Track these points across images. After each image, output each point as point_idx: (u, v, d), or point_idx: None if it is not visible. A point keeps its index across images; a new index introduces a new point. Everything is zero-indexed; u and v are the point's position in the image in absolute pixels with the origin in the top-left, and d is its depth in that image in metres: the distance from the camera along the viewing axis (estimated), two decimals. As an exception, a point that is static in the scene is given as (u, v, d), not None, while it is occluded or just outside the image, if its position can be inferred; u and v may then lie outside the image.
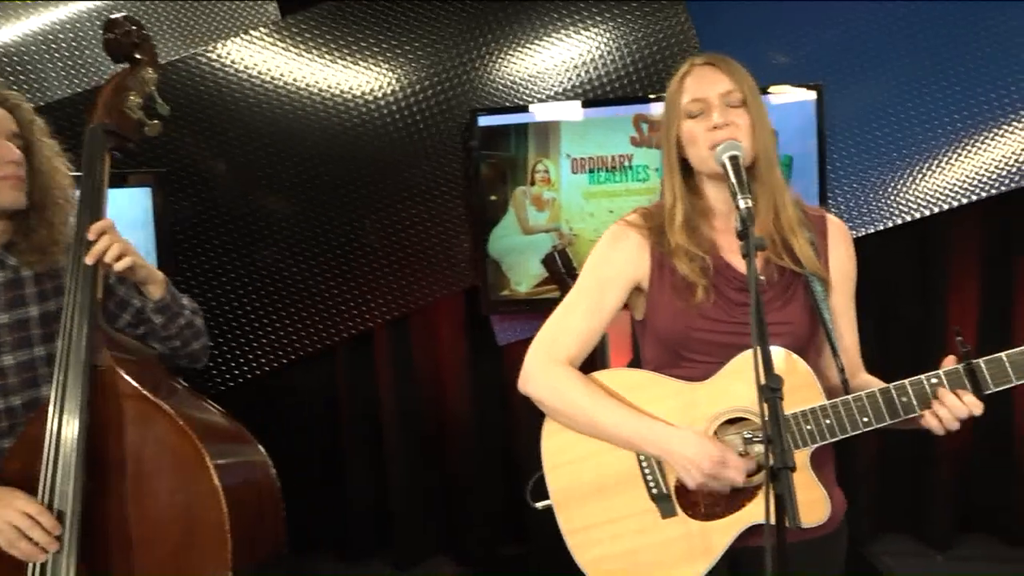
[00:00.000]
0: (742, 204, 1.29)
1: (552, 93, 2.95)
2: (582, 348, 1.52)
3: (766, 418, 1.12)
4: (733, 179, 1.34)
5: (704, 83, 1.45)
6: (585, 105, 2.82)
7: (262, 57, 2.92)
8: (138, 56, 1.66)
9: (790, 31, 2.93)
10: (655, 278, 1.52)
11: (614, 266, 1.52)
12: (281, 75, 2.92)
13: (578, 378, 1.48)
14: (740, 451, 1.40)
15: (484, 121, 2.83)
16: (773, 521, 1.08)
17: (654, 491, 1.45)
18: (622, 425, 1.44)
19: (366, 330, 3.01)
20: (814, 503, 1.37)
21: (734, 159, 1.36)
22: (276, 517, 1.57)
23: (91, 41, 2.90)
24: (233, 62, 2.91)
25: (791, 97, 2.75)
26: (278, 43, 2.93)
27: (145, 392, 1.48)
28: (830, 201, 2.86)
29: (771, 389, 1.13)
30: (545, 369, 1.50)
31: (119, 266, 1.54)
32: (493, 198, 2.86)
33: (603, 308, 1.52)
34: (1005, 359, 1.30)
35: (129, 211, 2.64)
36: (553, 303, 1.59)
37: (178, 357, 1.73)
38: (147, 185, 2.68)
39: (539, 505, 1.55)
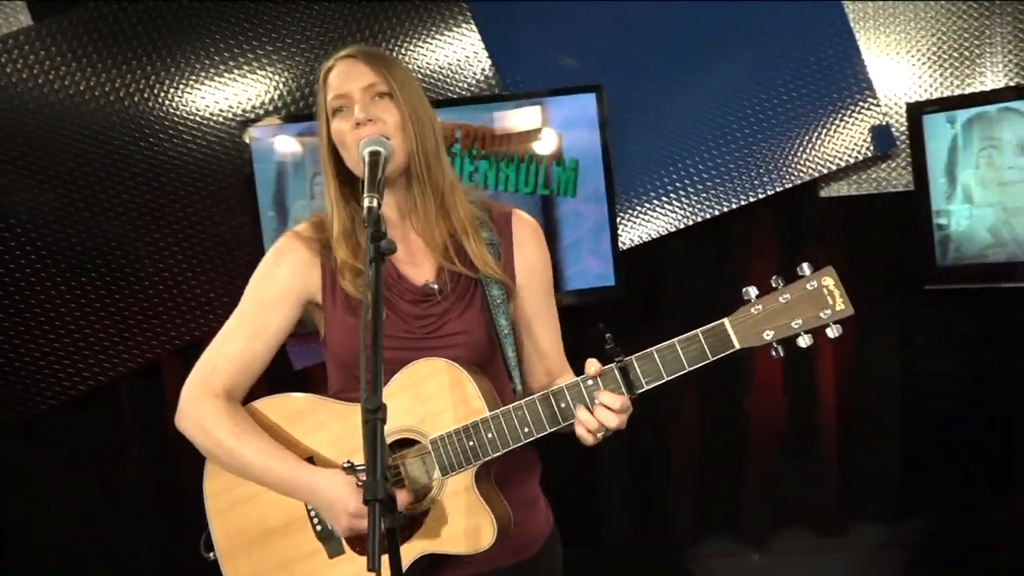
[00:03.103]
0: (365, 203, 1.17)
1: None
2: (243, 376, 1.37)
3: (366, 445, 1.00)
4: (365, 176, 1.21)
5: (346, 77, 1.32)
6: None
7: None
8: None
9: (576, 34, 2.88)
10: (327, 294, 1.38)
11: (277, 283, 1.38)
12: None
13: (228, 414, 1.32)
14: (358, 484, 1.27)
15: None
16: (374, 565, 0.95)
17: (319, 529, 1.31)
18: (270, 471, 1.30)
19: (147, 362, 2.79)
20: (477, 529, 1.25)
21: (374, 155, 1.24)
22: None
23: None
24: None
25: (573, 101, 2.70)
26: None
27: None
28: (619, 203, 2.81)
29: (369, 411, 1.01)
30: (197, 403, 1.34)
31: None
32: (271, 214, 2.69)
33: (265, 330, 1.37)
34: (656, 355, 1.21)
35: None
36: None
37: None
38: None
39: (211, 556, 1.39)
